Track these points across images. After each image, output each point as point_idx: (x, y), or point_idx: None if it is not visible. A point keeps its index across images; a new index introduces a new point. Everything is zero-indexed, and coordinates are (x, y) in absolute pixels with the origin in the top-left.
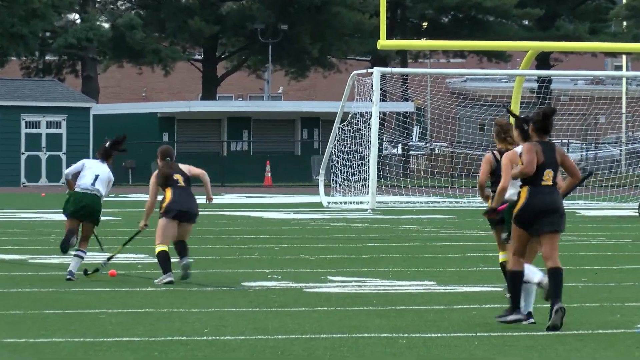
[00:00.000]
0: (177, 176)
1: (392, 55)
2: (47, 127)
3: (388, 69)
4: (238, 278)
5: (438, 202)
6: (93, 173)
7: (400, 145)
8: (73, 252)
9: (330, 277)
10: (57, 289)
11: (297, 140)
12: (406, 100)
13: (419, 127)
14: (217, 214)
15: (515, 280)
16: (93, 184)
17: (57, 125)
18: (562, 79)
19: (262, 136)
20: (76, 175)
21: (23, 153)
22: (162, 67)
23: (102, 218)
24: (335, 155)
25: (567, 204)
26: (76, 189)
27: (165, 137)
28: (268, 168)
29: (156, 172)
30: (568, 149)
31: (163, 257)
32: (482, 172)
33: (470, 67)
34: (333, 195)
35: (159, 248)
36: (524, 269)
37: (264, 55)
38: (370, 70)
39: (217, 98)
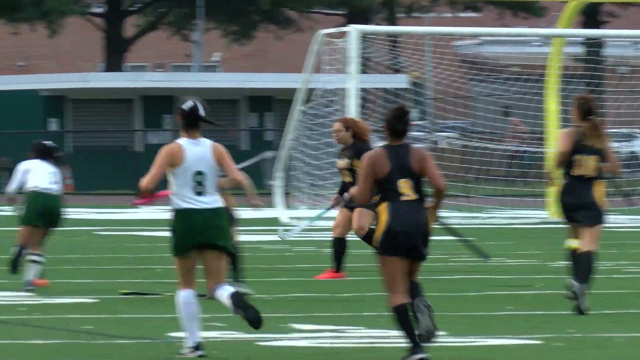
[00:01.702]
0: None
1: (375, 7)
2: None
3: (370, 27)
4: (163, 326)
5: (446, 218)
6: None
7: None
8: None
9: (294, 325)
10: None
11: (241, 129)
12: (397, 71)
13: (416, 110)
14: (127, 234)
15: None
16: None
17: None
18: (619, 41)
19: None
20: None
21: None
22: (47, 25)
23: None
24: (297, 150)
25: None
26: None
27: (54, 125)
28: None
29: None
30: (629, 139)
31: None
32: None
33: (487, 25)
34: (296, 208)
35: None
36: None
37: (191, 8)
38: (344, 29)
39: (127, 69)
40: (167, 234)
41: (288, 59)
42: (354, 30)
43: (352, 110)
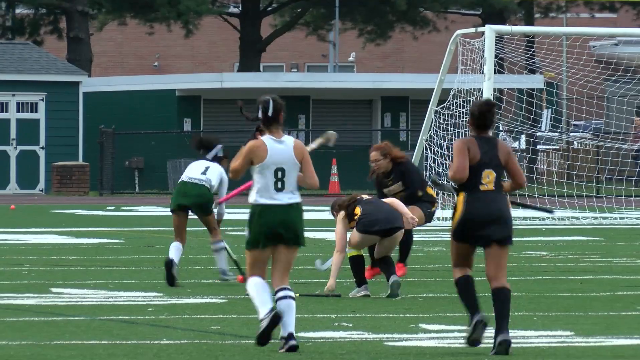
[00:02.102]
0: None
1: (512, 7)
2: (18, 111)
3: (506, 27)
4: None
5: (578, 218)
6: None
7: (523, 137)
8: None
9: (423, 326)
10: (35, 341)
11: (376, 129)
12: (532, 72)
13: (550, 110)
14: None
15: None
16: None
17: (33, 107)
18: None
19: (326, 123)
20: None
21: None
22: (183, 25)
23: (98, 241)
24: (430, 150)
25: None
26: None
27: (188, 125)
28: (334, 169)
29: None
30: None
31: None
32: None
33: (623, 25)
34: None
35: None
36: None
37: (328, 8)
38: (480, 29)
39: (262, 69)
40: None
41: (423, 59)
42: (490, 30)
43: None
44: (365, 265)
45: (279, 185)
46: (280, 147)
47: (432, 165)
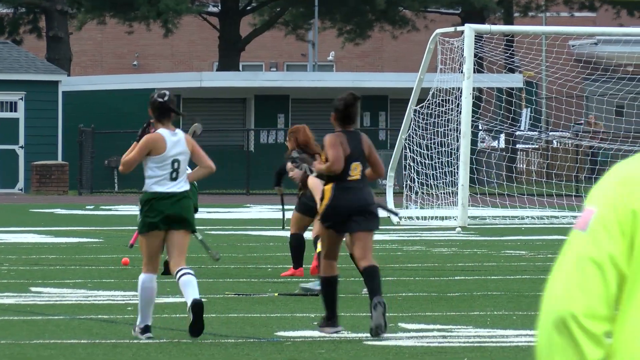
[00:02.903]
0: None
1: (492, 6)
2: None
3: (486, 27)
4: (270, 324)
5: (557, 218)
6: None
7: (503, 136)
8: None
9: (402, 325)
10: (14, 340)
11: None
12: (512, 71)
13: (529, 109)
14: (241, 234)
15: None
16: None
17: (12, 106)
18: None
19: (306, 123)
20: None
21: None
22: (162, 24)
23: (77, 240)
24: (409, 150)
25: None
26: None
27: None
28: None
29: None
30: None
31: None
32: None
33: (603, 24)
34: (407, 208)
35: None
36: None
37: (307, 7)
38: (459, 28)
39: (241, 68)
40: (278, 233)
41: (403, 59)
42: (469, 29)
43: (467, 111)
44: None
45: (174, 175)
46: (175, 139)
47: (412, 164)
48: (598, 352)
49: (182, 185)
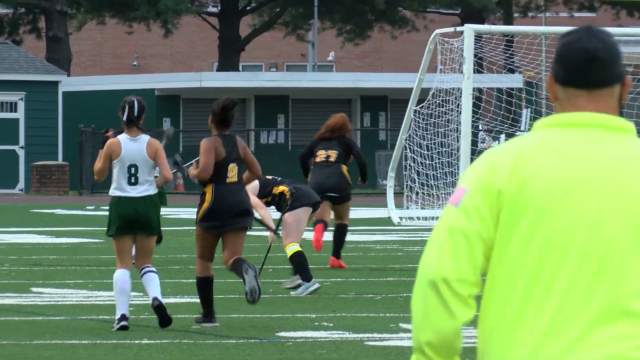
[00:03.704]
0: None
1: (491, 7)
2: None
3: (485, 27)
4: (271, 325)
5: None
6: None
7: (503, 136)
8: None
9: (403, 325)
10: (15, 341)
11: (355, 128)
12: (511, 71)
13: (529, 110)
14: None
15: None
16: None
17: (12, 107)
18: None
19: (305, 123)
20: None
21: None
22: (162, 25)
23: (78, 240)
24: (410, 150)
25: None
26: None
27: (167, 124)
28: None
29: None
30: None
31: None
32: None
33: (602, 25)
34: (407, 208)
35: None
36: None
37: (306, 7)
38: (459, 29)
39: (241, 69)
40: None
41: (402, 59)
42: (469, 29)
43: (467, 111)
44: (306, 259)
45: (132, 180)
46: (135, 145)
47: (412, 164)
48: (466, 312)
49: (143, 190)
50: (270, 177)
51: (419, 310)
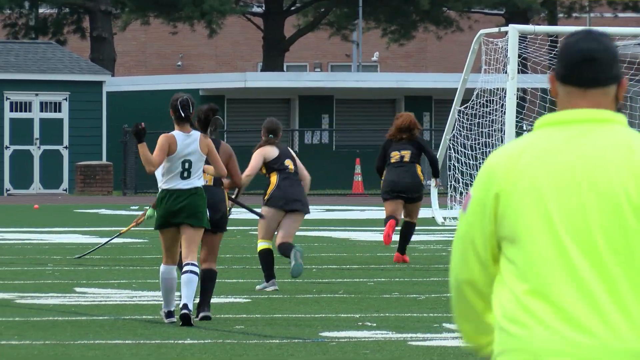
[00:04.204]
0: (287, 161)
1: (536, 7)
2: (41, 110)
3: (530, 27)
4: (315, 325)
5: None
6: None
7: None
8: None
9: (447, 325)
10: (58, 340)
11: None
12: None
13: None
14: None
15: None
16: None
17: (56, 107)
18: None
19: (350, 123)
20: None
21: (7, 147)
22: (206, 25)
23: (121, 240)
24: (454, 150)
25: None
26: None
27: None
28: (358, 169)
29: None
30: None
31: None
32: None
33: None
34: (451, 208)
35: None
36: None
37: (351, 8)
38: (504, 29)
39: (285, 69)
40: (323, 234)
41: (447, 59)
42: (513, 30)
43: (511, 111)
44: (273, 258)
45: (185, 174)
46: (189, 140)
47: (456, 164)
48: (483, 304)
49: (192, 182)
50: (288, 158)
51: (454, 306)
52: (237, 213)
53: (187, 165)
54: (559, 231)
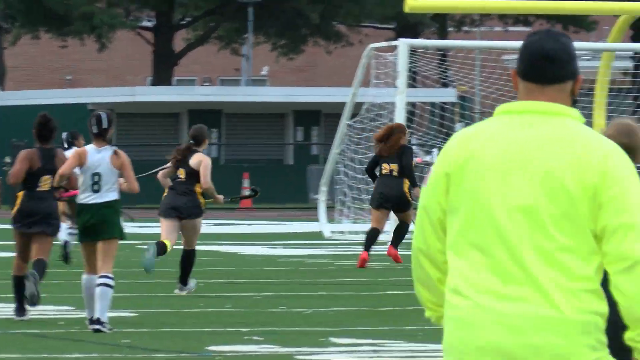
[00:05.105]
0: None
1: (426, 21)
2: None
3: (419, 41)
4: (202, 339)
5: None
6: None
7: (436, 151)
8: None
9: (333, 339)
10: None
11: (288, 142)
12: (445, 85)
13: (463, 124)
14: (173, 249)
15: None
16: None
17: None
18: None
19: (238, 137)
20: None
21: None
22: (96, 39)
23: (10, 254)
24: (342, 164)
25: None
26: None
27: None
28: (246, 183)
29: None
30: None
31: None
32: None
33: None
34: (339, 222)
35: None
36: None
37: (241, 22)
38: (393, 43)
39: (175, 83)
40: (211, 248)
41: (337, 73)
42: (403, 44)
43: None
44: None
45: (96, 187)
46: (99, 155)
47: (344, 178)
48: (438, 273)
49: (104, 197)
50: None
51: (413, 272)
52: (130, 227)
53: (96, 178)
54: (493, 206)
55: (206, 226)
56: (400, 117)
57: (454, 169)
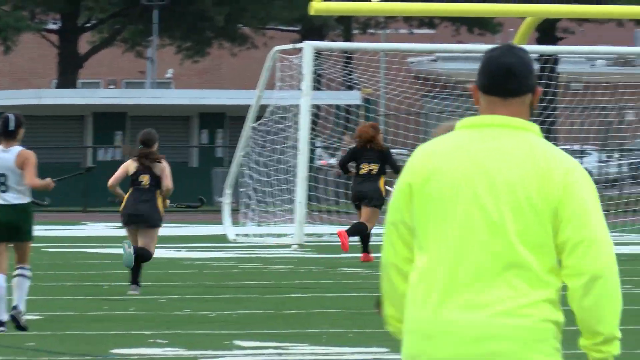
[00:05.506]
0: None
1: (331, 24)
2: None
3: (324, 43)
4: (106, 342)
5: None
6: None
7: (341, 153)
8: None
9: (238, 342)
10: None
11: (192, 145)
12: (350, 88)
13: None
14: (76, 252)
15: None
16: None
17: None
18: (574, 57)
19: None
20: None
21: None
22: (1, 42)
23: None
24: (247, 167)
25: None
26: None
27: None
28: None
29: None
30: (581, 156)
31: None
32: None
33: (442, 41)
34: (243, 225)
35: None
36: None
37: (146, 24)
38: (298, 46)
39: (80, 86)
40: (115, 251)
41: (242, 76)
42: (308, 46)
43: (305, 128)
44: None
45: (3, 188)
46: (6, 156)
47: (249, 181)
48: (405, 286)
49: (12, 198)
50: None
51: (382, 286)
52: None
53: (2, 179)
54: (456, 217)
55: (111, 229)
56: (305, 120)
57: (418, 180)
